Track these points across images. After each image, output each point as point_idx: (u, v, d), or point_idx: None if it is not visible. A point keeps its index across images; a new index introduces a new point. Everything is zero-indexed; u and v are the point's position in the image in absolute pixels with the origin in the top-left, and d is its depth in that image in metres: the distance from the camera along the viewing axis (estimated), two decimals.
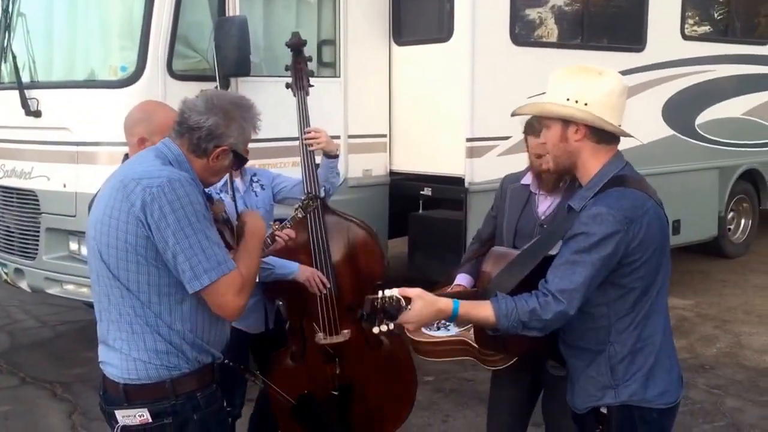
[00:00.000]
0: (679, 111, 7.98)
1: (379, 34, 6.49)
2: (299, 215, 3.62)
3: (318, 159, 4.10)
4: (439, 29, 6.33)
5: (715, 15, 8.84)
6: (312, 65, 6.25)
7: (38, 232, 5.73)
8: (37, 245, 5.74)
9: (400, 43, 6.55)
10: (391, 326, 2.35)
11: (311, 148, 4.03)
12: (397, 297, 2.31)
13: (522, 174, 3.55)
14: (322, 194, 3.99)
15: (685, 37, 8.04)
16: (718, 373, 5.93)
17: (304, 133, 4.07)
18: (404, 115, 6.58)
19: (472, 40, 6.12)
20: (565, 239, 2.42)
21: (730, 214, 9.43)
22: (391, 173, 6.70)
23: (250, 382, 3.56)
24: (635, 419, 2.47)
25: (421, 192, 6.50)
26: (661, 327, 2.51)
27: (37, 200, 5.72)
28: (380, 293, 2.31)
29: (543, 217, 3.39)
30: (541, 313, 2.33)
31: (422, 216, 6.50)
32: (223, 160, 2.53)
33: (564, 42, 7.22)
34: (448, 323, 3.33)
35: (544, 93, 2.49)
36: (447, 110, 6.33)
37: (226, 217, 2.81)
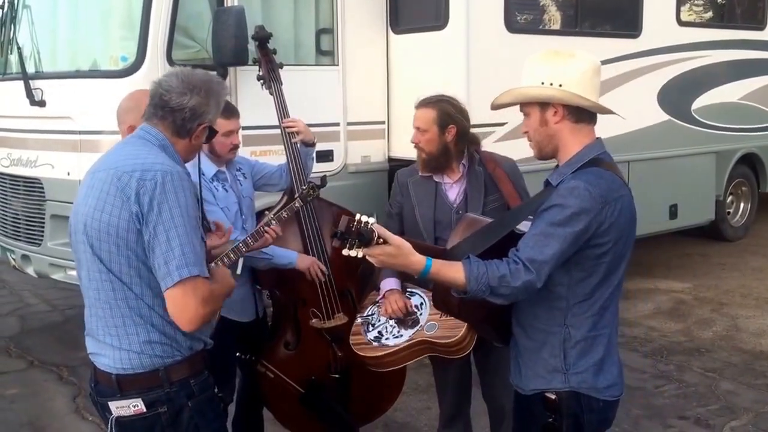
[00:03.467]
0: (675, 96, 7.97)
1: (376, 22, 6.53)
2: (297, 205, 3.60)
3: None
4: (436, 17, 6.34)
5: (711, 0, 8.83)
6: (311, 54, 6.37)
7: (43, 219, 5.82)
8: (43, 232, 5.84)
9: (397, 32, 6.57)
10: (360, 254, 2.25)
11: (295, 140, 4.05)
12: (372, 228, 2.22)
13: (416, 167, 3.62)
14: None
15: (680, 22, 8.04)
16: (714, 356, 5.96)
17: (283, 122, 4.11)
18: (402, 103, 6.57)
19: (467, 27, 6.16)
20: (540, 210, 2.42)
21: (729, 198, 9.46)
22: (390, 159, 6.74)
23: (263, 372, 3.57)
24: (582, 406, 2.49)
25: None
26: (613, 321, 2.53)
27: (42, 188, 5.81)
28: (357, 216, 2.21)
29: (456, 205, 3.48)
30: (510, 279, 2.31)
31: None
32: (201, 137, 2.54)
33: (559, 28, 7.23)
34: (399, 331, 3.40)
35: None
36: None
37: None
